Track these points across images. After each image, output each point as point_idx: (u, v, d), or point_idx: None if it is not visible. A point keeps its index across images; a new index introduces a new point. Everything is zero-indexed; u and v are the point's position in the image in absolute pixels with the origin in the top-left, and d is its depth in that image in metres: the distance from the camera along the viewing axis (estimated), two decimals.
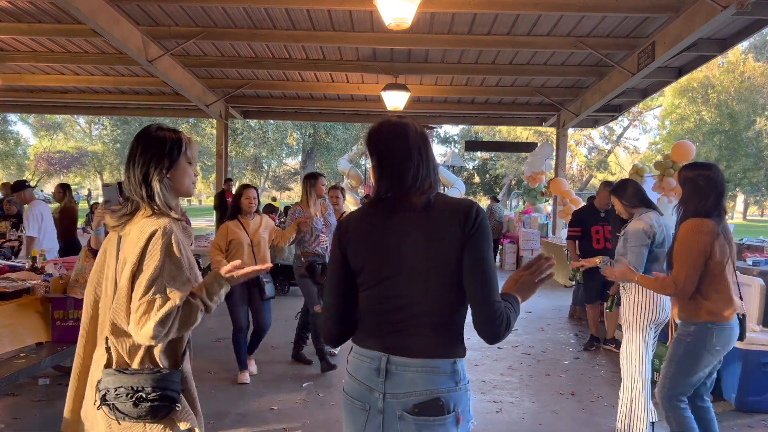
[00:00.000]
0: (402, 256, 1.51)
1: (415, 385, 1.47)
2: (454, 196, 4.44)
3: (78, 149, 37.90)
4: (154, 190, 1.75)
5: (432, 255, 1.49)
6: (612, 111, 10.80)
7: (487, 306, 1.46)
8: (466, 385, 1.53)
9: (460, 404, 1.50)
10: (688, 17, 5.73)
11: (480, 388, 4.66)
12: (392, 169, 1.55)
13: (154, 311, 1.63)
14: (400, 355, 1.50)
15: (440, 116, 12.70)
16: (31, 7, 6.45)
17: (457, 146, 39.06)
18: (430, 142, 1.64)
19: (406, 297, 1.51)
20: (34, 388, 4.31)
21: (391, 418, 1.49)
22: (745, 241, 6.55)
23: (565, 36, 7.06)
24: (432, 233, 1.49)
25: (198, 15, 6.64)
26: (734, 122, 27.66)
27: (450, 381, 1.49)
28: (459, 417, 1.50)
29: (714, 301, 2.75)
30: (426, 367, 1.48)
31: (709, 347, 2.77)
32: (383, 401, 1.50)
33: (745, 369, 4.22)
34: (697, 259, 2.70)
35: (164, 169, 1.77)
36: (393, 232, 1.52)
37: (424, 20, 6.54)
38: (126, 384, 1.69)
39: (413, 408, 1.46)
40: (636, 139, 58.52)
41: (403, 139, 1.56)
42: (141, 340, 1.68)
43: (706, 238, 2.70)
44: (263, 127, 23.47)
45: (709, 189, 2.78)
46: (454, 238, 1.47)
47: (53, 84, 9.95)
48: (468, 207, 1.51)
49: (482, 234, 1.49)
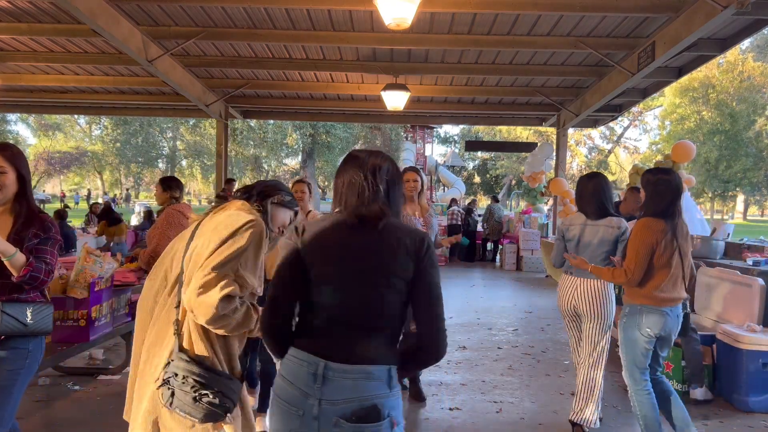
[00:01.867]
0: (351, 269, 1.59)
1: (352, 392, 1.50)
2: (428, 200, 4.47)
3: (78, 149, 37.93)
4: (266, 209, 2.05)
5: (379, 271, 1.58)
6: (612, 111, 10.79)
7: (437, 329, 1.59)
8: (397, 390, 1.60)
9: (394, 409, 1.56)
10: (688, 17, 5.72)
11: (480, 388, 4.66)
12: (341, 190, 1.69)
13: (222, 286, 1.69)
14: (338, 361, 1.53)
15: (440, 116, 12.69)
16: (31, 7, 6.45)
17: (457, 146, 39.09)
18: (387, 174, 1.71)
19: (349, 307, 1.58)
20: (34, 388, 4.31)
21: (327, 425, 1.49)
22: (745, 241, 6.54)
23: (565, 36, 7.05)
24: (382, 252, 1.60)
25: (198, 15, 6.63)
26: (734, 122, 27.68)
27: (385, 387, 1.54)
28: (394, 422, 1.54)
29: (650, 288, 3.10)
30: (363, 374, 1.52)
31: (639, 327, 3.12)
32: (319, 407, 1.50)
33: (746, 369, 4.22)
34: (645, 253, 3.05)
35: (275, 200, 2.10)
36: (347, 246, 1.62)
37: (424, 20, 6.54)
38: (196, 376, 1.73)
39: (351, 415, 1.48)
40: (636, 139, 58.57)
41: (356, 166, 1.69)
42: (198, 309, 1.71)
43: (654, 236, 3.05)
44: (263, 127, 23.45)
45: (666, 192, 3.11)
46: (404, 261, 1.59)
47: (53, 84, 9.94)
48: (421, 236, 1.65)
49: (431, 262, 1.63)
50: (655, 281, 3.11)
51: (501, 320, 7.13)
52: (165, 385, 1.73)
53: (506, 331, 6.65)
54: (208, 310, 1.70)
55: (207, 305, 1.69)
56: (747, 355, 4.22)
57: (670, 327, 3.17)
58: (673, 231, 3.10)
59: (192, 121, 30.34)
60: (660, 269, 3.10)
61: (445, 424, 3.94)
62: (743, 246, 6.06)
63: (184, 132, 36.07)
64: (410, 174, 4.31)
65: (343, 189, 1.69)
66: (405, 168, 4.43)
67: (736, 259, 5.75)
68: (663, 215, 3.10)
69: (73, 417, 3.34)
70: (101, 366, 4.80)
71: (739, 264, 5.44)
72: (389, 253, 1.59)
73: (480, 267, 13.17)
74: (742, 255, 5.77)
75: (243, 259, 1.77)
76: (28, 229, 2.26)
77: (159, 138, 38.08)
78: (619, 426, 3.94)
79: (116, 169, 40.26)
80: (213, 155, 20.61)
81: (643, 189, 3.25)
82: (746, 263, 5.42)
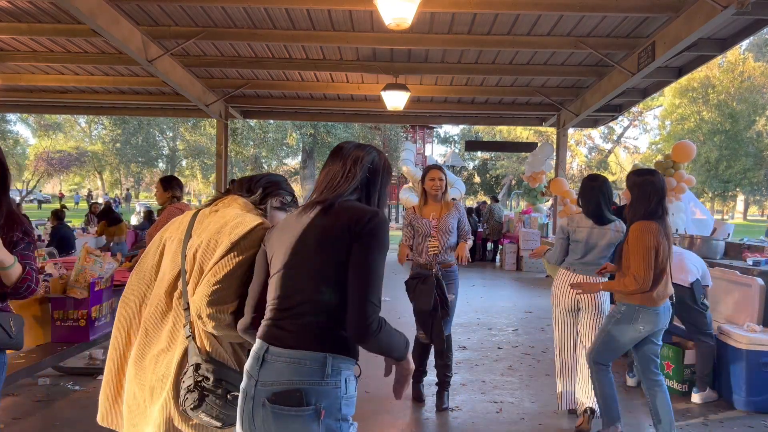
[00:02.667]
0: (295, 253, 1.60)
1: (280, 375, 1.52)
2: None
3: (78, 149, 37.91)
4: (267, 207, 1.99)
5: (320, 253, 1.57)
6: (612, 111, 10.79)
7: (361, 303, 1.51)
8: (336, 382, 1.53)
9: (325, 400, 1.51)
10: (688, 17, 5.72)
11: (480, 388, 4.66)
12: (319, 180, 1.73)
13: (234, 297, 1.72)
14: (276, 345, 1.55)
15: (440, 116, 12.69)
16: (31, 7, 6.44)
17: (457, 146, 39.08)
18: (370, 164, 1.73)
19: (292, 291, 1.59)
20: (34, 388, 4.31)
21: (257, 405, 1.53)
22: (745, 241, 6.54)
23: (565, 36, 7.05)
24: (324, 233, 1.59)
25: (198, 15, 6.63)
26: (734, 122, 27.67)
27: (315, 375, 1.51)
28: (321, 411, 1.50)
29: (625, 282, 3.15)
30: (294, 358, 1.52)
31: (634, 324, 3.24)
32: (255, 388, 1.55)
33: (746, 369, 4.22)
34: (651, 256, 3.10)
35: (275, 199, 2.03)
36: (294, 229, 1.64)
37: (424, 20, 6.53)
38: (229, 380, 1.72)
39: (272, 396, 1.51)
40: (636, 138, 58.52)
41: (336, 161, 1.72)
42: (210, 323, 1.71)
43: (655, 237, 3.11)
44: (263, 127, 23.45)
45: (653, 193, 3.18)
46: (344, 240, 1.55)
47: (53, 84, 9.93)
48: (362, 212, 1.60)
49: (373, 236, 1.56)
50: (659, 284, 3.17)
51: (501, 320, 7.13)
52: (194, 391, 1.70)
53: (506, 331, 6.65)
54: (220, 323, 1.71)
55: (219, 319, 1.70)
56: (747, 355, 4.22)
57: (664, 322, 3.30)
58: (664, 231, 3.17)
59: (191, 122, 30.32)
60: (663, 271, 3.17)
61: (445, 424, 3.94)
62: (743, 246, 6.06)
63: (184, 132, 36.08)
64: (434, 172, 4.04)
65: (320, 179, 1.73)
66: (428, 166, 4.25)
67: (736, 259, 5.75)
68: (653, 216, 3.17)
69: (73, 417, 3.34)
70: (101, 366, 4.79)
71: (739, 264, 5.43)
72: (326, 235, 1.58)
73: (480, 267, 13.17)
74: (742, 255, 5.77)
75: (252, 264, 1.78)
76: (13, 231, 2.02)
77: (159, 138, 38.08)
78: (623, 426, 3.94)
79: (116, 169, 40.24)
80: (213, 155, 20.59)
81: (629, 191, 3.31)
82: (746, 263, 5.42)
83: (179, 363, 1.78)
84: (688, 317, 4.48)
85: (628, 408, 4.30)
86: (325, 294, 1.56)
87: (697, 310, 4.40)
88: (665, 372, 4.71)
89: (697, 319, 4.42)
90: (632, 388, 4.65)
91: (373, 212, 1.61)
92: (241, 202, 1.95)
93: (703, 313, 4.41)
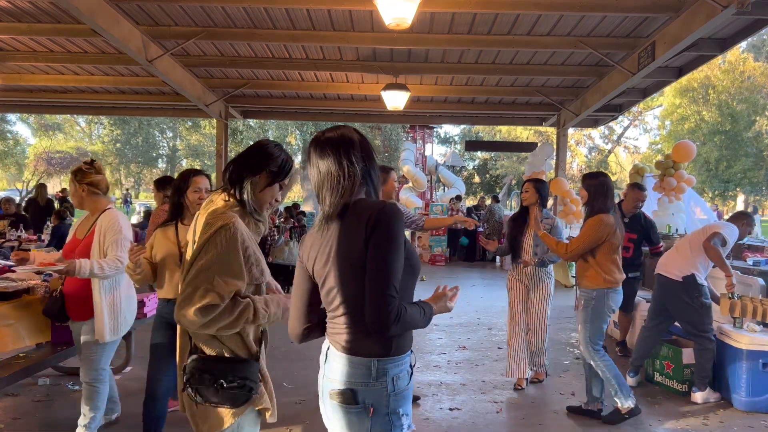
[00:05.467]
0: (330, 261, 1.68)
1: (337, 373, 1.70)
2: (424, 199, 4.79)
3: (78, 149, 37.87)
4: (244, 189, 1.92)
5: (348, 257, 1.64)
6: (612, 111, 10.79)
7: (377, 297, 1.57)
8: (384, 382, 1.66)
9: (373, 399, 1.66)
10: (688, 17, 5.72)
11: (480, 388, 4.66)
12: (319, 186, 1.71)
13: (197, 298, 1.74)
14: (334, 347, 1.73)
15: (440, 116, 12.68)
16: (30, 7, 6.44)
17: (457, 146, 39.06)
18: (355, 143, 1.72)
19: (334, 297, 1.69)
20: (34, 388, 4.31)
21: (324, 395, 1.76)
22: (745, 242, 6.54)
23: (565, 36, 7.05)
24: (347, 242, 1.64)
25: (198, 15, 6.63)
26: (735, 122, 27.65)
27: (364, 377, 1.66)
28: (370, 409, 1.66)
29: (609, 272, 3.83)
30: (346, 361, 1.69)
31: (607, 307, 3.86)
32: (323, 379, 1.78)
33: (746, 369, 4.22)
34: (591, 243, 3.82)
35: (260, 178, 1.94)
36: (326, 239, 1.70)
37: (424, 20, 6.53)
38: (209, 371, 1.83)
39: (331, 392, 1.70)
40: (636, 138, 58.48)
41: (325, 154, 1.70)
42: (181, 322, 1.79)
43: (609, 228, 3.79)
44: (263, 127, 23.46)
45: (609, 191, 3.87)
46: (360, 243, 1.61)
47: (53, 84, 9.93)
48: (372, 207, 1.64)
49: (381, 230, 1.60)
50: (616, 266, 3.86)
51: (501, 320, 7.13)
52: (189, 387, 1.85)
53: (506, 331, 6.64)
54: (188, 323, 1.78)
55: (185, 320, 1.77)
56: (747, 355, 4.22)
57: (621, 301, 3.99)
58: (618, 223, 3.87)
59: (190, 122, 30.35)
60: (615, 254, 3.86)
61: (445, 424, 3.94)
62: (743, 246, 6.06)
63: (184, 132, 36.05)
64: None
65: (317, 182, 1.72)
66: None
67: (736, 259, 5.75)
68: (609, 210, 3.84)
69: (73, 417, 3.33)
70: None
71: (739, 264, 5.44)
72: (348, 244, 1.64)
73: (480, 267, 13.16)
74: (742, 255, 5.77)
75: (218, 266, 1.78)
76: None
77: (159, 138, 38.06)
78: (623, 426, 3.94)
79: (116, 169, 40.21)
80: (213, 155, 20.60)
81: (585, 191, 3.91)
82: (746, 263, 5.42)
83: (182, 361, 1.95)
84: (685, 315, 4.47)
85: None
86: (360, 300, 1.62)
87: (693, 307, 4.39)
88: (665, 372, 4.71)
89: (694, 318, 4.40)
90: (633, 388, 4.64)
91: (377, 207, 1.63)
92: (222, 198, 1.96)
93: (699, 311, 4.40)
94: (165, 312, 3.13)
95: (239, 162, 1.96)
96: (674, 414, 4.20)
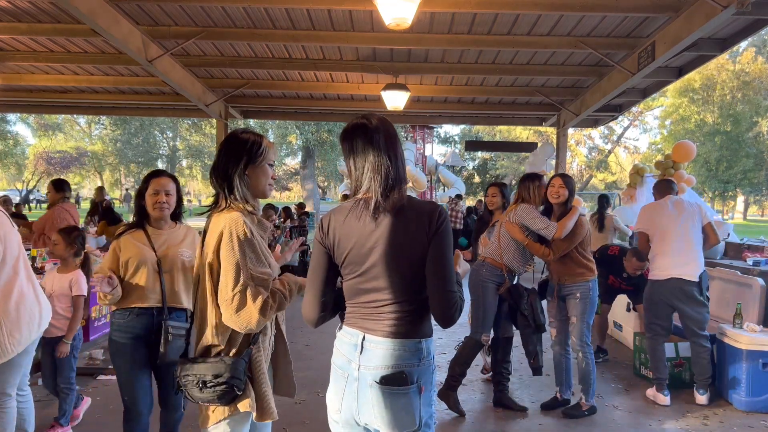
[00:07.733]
0: (378, 252, 1.75)
1: (383, 360, 1.75)
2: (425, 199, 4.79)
3: (78, 149, 37.90)
4: (233, 184, 1.95)
5: (402, 251, 1.75)
6: (612, 111, 10.78)
7: (444, 295, 1.73)
8: (430, 360, 1.80)
9: (423, 377, 1.78)
10: (688, 17, 5.72)
11: (480, 388, 4.66)
12: (367, 173, 1.78)
13: (251, 302, 1.83)
14: (374, 335, 1.77)
15: (440, 116, 12.68)
16: (30, 7, 6.44)
17: (457, 146, 39.08)
18: (397, 137, 1.84)
19: (379, 287, 1.77)
20: (33, 388, 4.30)
21: (364, 386, 1.77)
22: (745, 241, 6.55)
23: (565, 36, 7.05)
24: (403, 233, 1.75)
25: (198, 15, 6.63)
26: (736, 123, 27.64)
27: (414, 358, 1.76)
28: (422, 387, 1.77)
29: (590, 261, 4.11)
30: (394, 347, 1.75)
31: (595, 297, 4.12)
32: (358, 371, 1.78)
33: (746, 369, 4.22)
34: (578, 240, 4.03)
35: (243, 165, 1.96)
36: (371, 231, 1.76)
37: (424, 20, 6.53)
38: (192, 372, 1.91)
39: (381, 379, 1.74)
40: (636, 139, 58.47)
41: (375, 142, 1.78)
42: (241, 329, 1.87)
43: (587, 224, 4.16)
44: (263, 127, 23.47)
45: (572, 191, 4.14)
46: (421, 238, 1.74)
47: (53, 84, 9.92)
48: (432, 210, 1.77)
49: (443, 233, 1.75)
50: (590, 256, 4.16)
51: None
52: (179, 389, 1.96)
53: None
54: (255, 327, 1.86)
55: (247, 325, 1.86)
56: (747, 355, 4.22)
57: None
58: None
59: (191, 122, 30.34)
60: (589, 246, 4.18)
61: (445, 424, 3.94)
62: (743, 246, 6.06)
63: (185, 132, 36.06)
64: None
65: (365, 169, 1.78)
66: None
67: (736, 259, 5.75)
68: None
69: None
70: (101, 366, 4.79)
71: (739, 264, 5.44)
72: (407, 236, 1.74)
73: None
74: (742, 255, 5.77)
75: (249, 263, 1.86)
76: None
77: (159, 138, 38.08)
78: (624, 426, 3.94)
79: (116, 169, 40.23)
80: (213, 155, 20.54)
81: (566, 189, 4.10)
82: (746, 263, 5.42)
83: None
84: (697, 315, 4.37)
85: (628, 408, 4.31)
86: (413, 288, 1.76)
87: (705, 305, 4.35)
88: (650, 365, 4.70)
89: (704, 316, 4.35)
90: (634, 388, 4.64)
91: (439, 210, 1.77)
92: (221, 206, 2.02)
93: (707, 308, 4.37)
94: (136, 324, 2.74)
95: (217, 162, 2.01)
96: (674, 414, 4.20)
